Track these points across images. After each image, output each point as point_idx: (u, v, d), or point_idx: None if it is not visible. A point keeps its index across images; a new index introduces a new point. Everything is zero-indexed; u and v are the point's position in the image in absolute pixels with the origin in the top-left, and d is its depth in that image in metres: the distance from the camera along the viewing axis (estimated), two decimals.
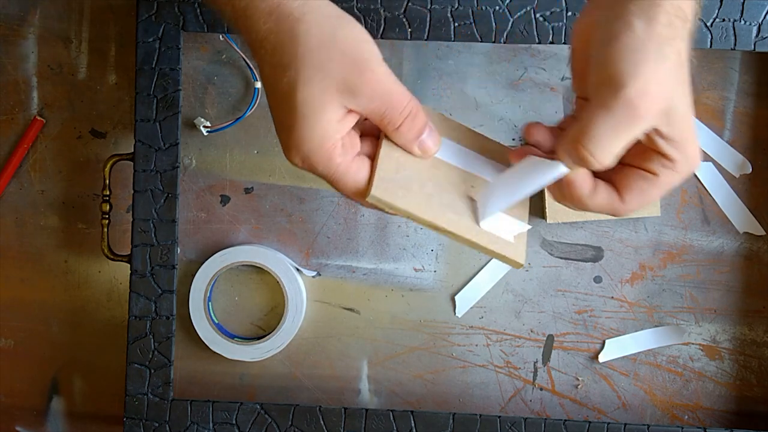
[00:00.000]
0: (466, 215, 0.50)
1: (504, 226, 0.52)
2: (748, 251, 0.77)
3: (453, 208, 0.50)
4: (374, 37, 0.72)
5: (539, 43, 0.73)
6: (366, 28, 0.72)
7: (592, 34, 0.46)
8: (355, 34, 0.48)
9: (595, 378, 0.78)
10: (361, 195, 0.50)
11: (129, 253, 0.75)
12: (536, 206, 0.77)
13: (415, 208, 0.49)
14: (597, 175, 0.49)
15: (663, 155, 0.47)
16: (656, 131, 0.45)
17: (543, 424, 0.73)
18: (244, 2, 0.48)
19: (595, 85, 0.44)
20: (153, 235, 0.74)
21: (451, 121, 0.53)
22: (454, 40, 0.73)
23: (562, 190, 0.49)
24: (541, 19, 0.72)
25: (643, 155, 0.48)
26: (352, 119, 0.49)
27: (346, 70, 0.47)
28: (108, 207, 0.76)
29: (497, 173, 0.52)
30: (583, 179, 0.48)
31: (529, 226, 0.53)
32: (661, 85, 0.43)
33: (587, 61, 0.46)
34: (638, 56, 0.43)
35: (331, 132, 0.48)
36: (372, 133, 0.53)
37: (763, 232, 0.77)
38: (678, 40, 0.45)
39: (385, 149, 0.50)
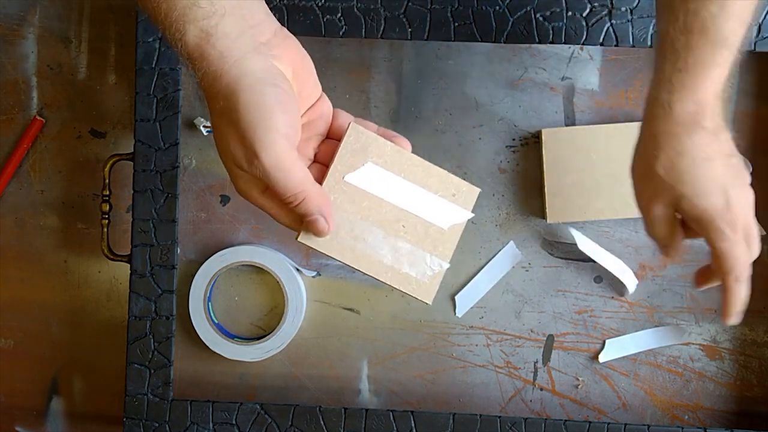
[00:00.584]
0: (385, 257, 0.56)
1: (425, 265, 0.57)
2: None
3: (375, 249, 0.56)
4: (374, 37, 0.73)
5: (539, 43, 0.73)
6: (366, 27, 0.72)
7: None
8: (256, 116, 0.49)
9: (596, 378, 0.78)
10: (295, 230, 0.55)
11: (129, 253, 0.75)
12: (536, 206, 0.77)
13: (337, 254, 0.55)
14: None
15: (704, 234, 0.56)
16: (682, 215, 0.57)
17: (543, 425, 0.73)
18: (188, 45, 0.50)
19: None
20: (153, 235, 0.74)
21: (401, 153, 0.56)
22: (454, 40, 0.73)
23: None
24: (541, 19, 0.72)
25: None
26: None
27: (241, 153, 0.50)
28: (108, 207, 0.76)
29: (438, 209, 0.57)
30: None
31: (448, 266, 0.57)
32: (656, 186, 0.55)
33: None
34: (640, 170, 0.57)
35: (248, 190, 0.52)
36: (324, 162, 0.56)
37: (764, 232, 0.76)
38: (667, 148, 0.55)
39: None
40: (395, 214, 0.56)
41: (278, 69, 0.51)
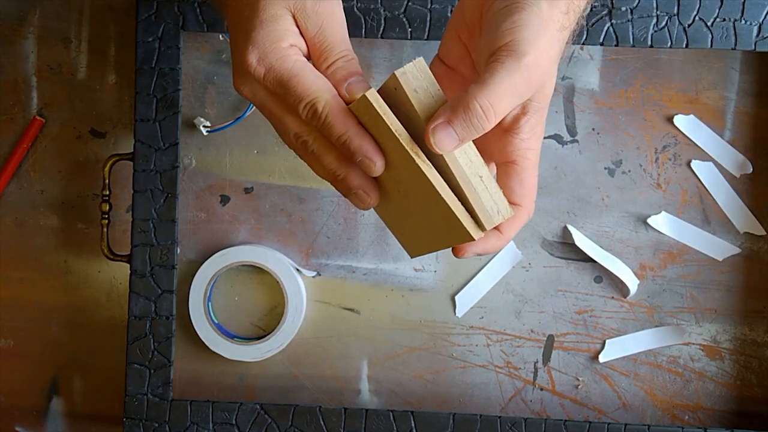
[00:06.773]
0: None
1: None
2: (748, 251, 0.77)
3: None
4: (374, 37, 0.73)
5: None
6: (366, 27, 0.72)
7: (492, 4, 0.48)
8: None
9: (596, 378, 0.78)
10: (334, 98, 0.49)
11: (129, 253, 0.75)
12: (536, 206, 0.77)
13: (403, 133, 0.46)
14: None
15: (517, 132, 0.50)
16: (527, 104, 0.49)
17: (543, 425, 0.73)
18: None
19: (496, 50, 0.46)
20: (153, 235, 0.74)
21: None
22: None
23: None
24: None
25: (502, 150, 0.51)
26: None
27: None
28: (108, 207, 0.76)
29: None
30: None
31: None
32: (548, 62, 0.47)
33: (479, 26, 0.49)
34: (539, 30, 0.46)
35: (288, 35, 0.50)
36: None
37: (764, 232, 0.77)
38: (567, 31, 0.49)
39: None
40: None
41: None
